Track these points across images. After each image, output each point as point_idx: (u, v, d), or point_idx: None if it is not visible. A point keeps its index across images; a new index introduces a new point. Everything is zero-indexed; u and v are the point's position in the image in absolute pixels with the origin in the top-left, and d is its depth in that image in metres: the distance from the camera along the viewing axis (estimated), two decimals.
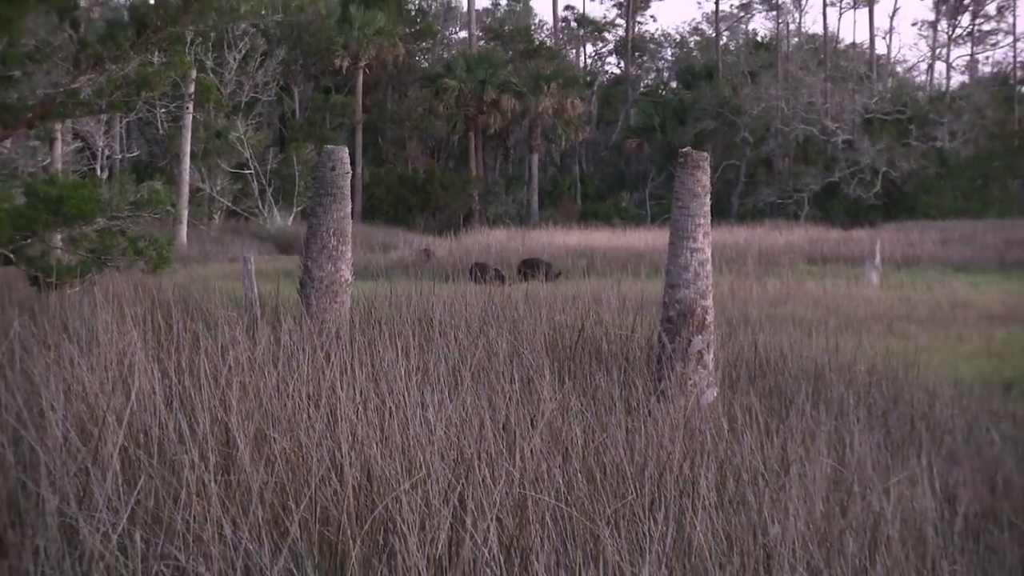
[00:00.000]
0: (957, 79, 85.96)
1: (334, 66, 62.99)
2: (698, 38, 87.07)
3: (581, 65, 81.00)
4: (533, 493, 5.68)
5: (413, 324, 11.18)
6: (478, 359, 9.29)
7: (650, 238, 38.38)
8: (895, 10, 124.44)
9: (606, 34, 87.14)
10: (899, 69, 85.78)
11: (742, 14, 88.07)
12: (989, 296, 25.39)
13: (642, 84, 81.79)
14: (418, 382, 7.64)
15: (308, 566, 4.92)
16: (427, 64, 69.30)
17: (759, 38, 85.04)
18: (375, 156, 64.62)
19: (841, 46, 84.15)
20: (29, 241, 15.28)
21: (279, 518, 5.25)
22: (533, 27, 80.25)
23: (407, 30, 67.07)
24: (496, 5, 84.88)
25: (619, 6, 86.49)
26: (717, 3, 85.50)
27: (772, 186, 66.38)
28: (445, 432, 6.44)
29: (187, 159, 47.22)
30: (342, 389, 7.01)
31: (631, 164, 70.51)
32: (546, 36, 79.85)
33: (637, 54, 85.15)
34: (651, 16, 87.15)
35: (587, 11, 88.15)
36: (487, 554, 5.05)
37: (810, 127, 66.80)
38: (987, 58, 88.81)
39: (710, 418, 8.53)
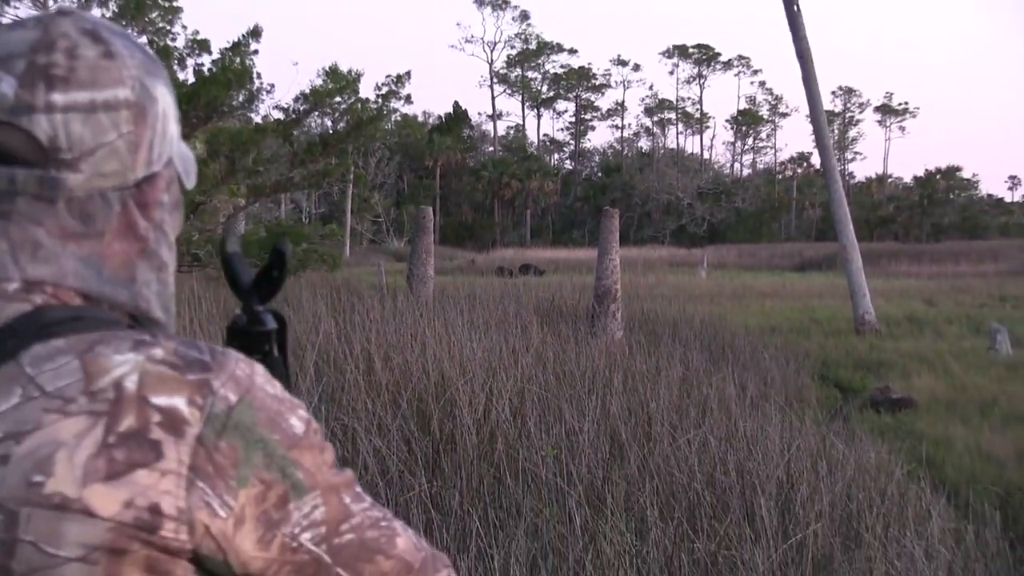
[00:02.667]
0: (746, 171, 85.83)
1: (424, 165, 63.05)
2: (612, 150, 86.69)
3: (552, 164, 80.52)
4: (527, 386, 5.69)
5: (465, 298, 11.18)
6: (499, 316, 9.30)
7: (588, 254, 38.39)
8: (713, 136, 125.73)
9: (564, 148, 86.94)
10: (716, 166, 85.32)
11: (635, 137, 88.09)
12: (763, 283, 25.44)
13: (583, 174, 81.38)
14: (468, 327, 7.65)
15: (411, 424, 4.92)
16: (472, 163, 68.99)
17: (643, 150, 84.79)
18: (445, 211, 64.39)
19: (686, 154, 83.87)
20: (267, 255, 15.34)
21: (396, 398, 5.25)
22: (527, 144, 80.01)
23: (462, 146, 67.01)
24: (508, 133, 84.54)
25: (571, 135, 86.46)
26: (622, 132, 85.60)
27: (650, 227, 66.20)
28: (482, 354, 6.44)
29: (349, 213, 47.44)
30: (428, 331, 7.01)
31: (578, 215, 70.27)
32: (534, 149, 79.54)
33: (581, 158, 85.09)
34: (588, 139, 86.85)
35: (555, 136, 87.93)
36: (504, 417, 5.05)
37: (670, 196, 66.68)
38: (761, 161, 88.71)
39: (618, 346, 8.53)
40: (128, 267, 0.77)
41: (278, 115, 17.97)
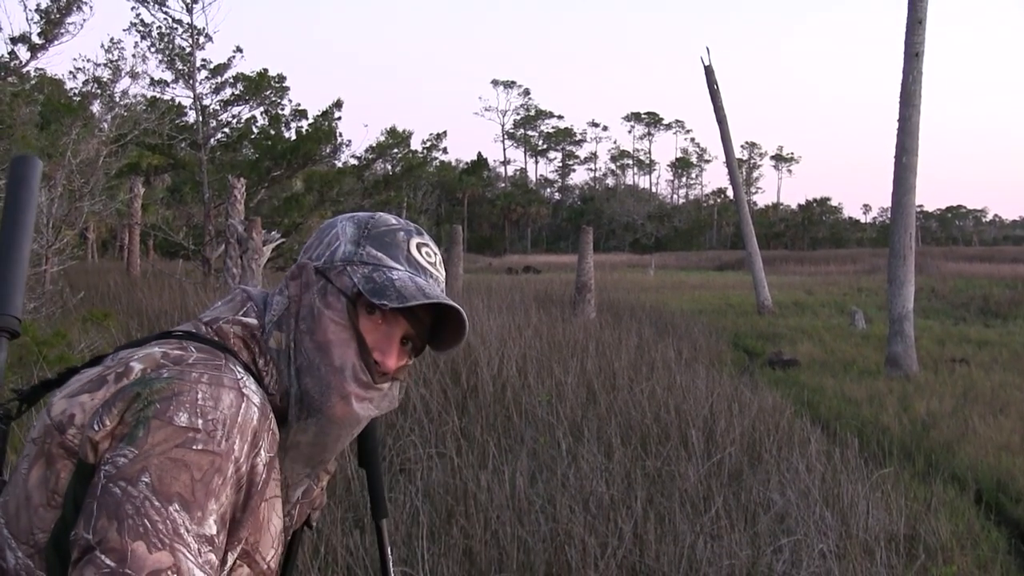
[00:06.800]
0: (681, 200, 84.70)
1: (456, 196, 62.77)
2: (587, 185, 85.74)
3: (545, 195, 79.60)
4: (528, 351, 5.66)
5: (484, 289, 11.15)
6: (508, 302, 9.27)
7: (571, 259, 38.18)
8: (659, 176, 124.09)
9: (554, 184, 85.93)
10: (660, 197, 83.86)
11: (604, 177, 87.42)
12: (694, 279, 25.30)
13: (567, 203, 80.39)
14: (486, 310, 7.62)
15: (447, 378, 4.89)
16: (489, 195, 68.45)
17: (610, 186, 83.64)
18: (470, 228, 63.86)
19: (640, 189, 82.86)
20: None
21: (435, 360, 5.22)
22: (528, 182, 79.37)
23: (482, 183, 66.62)
24: (515, 174, 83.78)
25: (559, 175, 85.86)
26: (595, 173, 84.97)
27: (614, 240, 65.52)
28: (496, 329, 6.42)
29: None
30: None
31: (563, 231, 69.66)
32: (532, 185, 78.94)
33: (566, 191, 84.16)
34: (570, 178, 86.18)
35: (548, 176, 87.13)
36: (511, 373, 5.03)
37: (628, 218, 66.21)
38: (692, 193, 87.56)
39: (592, 323, 8.49)
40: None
41: (354, 162, 17.92)
